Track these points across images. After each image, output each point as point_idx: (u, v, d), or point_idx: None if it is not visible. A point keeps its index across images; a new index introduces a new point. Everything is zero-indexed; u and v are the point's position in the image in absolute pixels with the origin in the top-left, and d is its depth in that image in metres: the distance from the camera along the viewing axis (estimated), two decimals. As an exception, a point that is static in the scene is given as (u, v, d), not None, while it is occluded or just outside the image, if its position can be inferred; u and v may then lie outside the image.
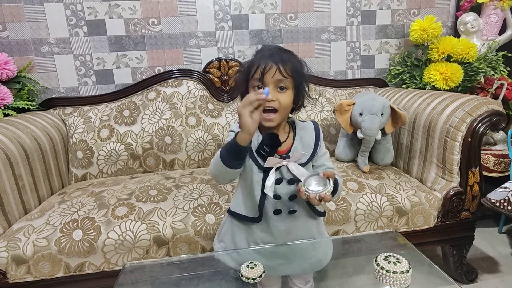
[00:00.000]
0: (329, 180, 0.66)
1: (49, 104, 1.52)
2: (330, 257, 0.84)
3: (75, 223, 1.00)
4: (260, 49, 0.76)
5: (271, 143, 0.71)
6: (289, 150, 0.75)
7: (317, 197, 0.65)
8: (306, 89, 0.77)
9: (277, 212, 0.76)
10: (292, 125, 0.80)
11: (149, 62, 1.61)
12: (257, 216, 0.76)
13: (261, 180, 0.74)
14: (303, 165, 0.75)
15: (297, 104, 0.77)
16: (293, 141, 0.77)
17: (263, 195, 0.74)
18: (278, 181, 0.74)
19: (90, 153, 1.42)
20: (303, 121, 0.82)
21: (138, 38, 1.58)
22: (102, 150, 1.42)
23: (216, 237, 0.89)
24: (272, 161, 0.72)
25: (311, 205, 0.78)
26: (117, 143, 1.43)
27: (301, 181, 0.70)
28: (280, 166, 0.73)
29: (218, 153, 0.70)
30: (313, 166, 0.79)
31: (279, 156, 0.74)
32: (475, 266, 1.27)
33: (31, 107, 1.42)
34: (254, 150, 0.74)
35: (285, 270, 0.81)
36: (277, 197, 0.75)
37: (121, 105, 1.51)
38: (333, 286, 0.91)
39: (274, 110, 0.71)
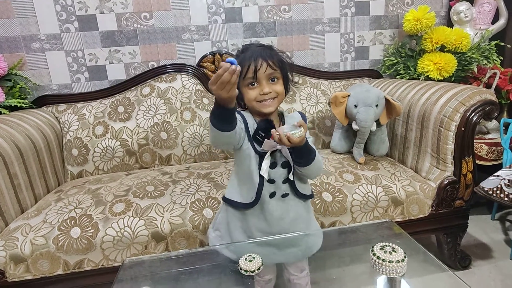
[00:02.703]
0: (301, 128, 0.70)
1: (41, 101, 1.50)
2: (321, 243, 0.87)
3: (73, 221, 1.00)
4: (244, 49, 0.81)
5: (266, 127, 0.76)
6: None
7: (289, 135, 0.69)
8: (290, 76, 0.83)
9: (272, 195, 0.79)
10: (281, 116, 0.86)
11: (142, 57, 1.59)
12: (252, 201, 0.79)
13: (256, 164, 0.78)
14: None
15: (287, 90, 0.84)
16: None
17: (261, 178, 0.78)
18: (272, 166, 0.78)
19: (85, 150, 1.41)
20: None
21: (131, 33, 1.56)
22: (97, 147, 1.41)
23: (211, 226, 0.91)
24: (268, 144, 0.76)
25: (297, 190, 0.82)
26: (112, 140, 1.42)
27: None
28: (275, 151, 0.78)
29: (209, 120, 0.70)
30: None
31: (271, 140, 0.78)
32: (469, 253, 1.30)
33: (24, 105, 1.40)
34: (251, 135, 0.78)
35: (278, 258, 0.84)
36: (271, 181, 0.79)
37: (115, 101, 1.50)
38: (331, 275, 0.93)
39: (272, 98, 0.78)
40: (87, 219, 1.01)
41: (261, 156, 0.77)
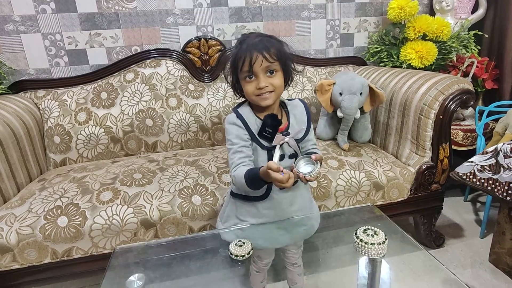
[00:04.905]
0: (317, 163, 0.72)
1: (19, 87, 1.44)
2: (319, 221, 0.91)
3: (59, 210, 1.00)
4: (241, 40, 0.78)
5: (272, 124, 0.77)
6: (287, 128, 0.81)
7: (306, 177, 0.71)
8: (292, 65, 0.82)
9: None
10: (283, 104, 0.85)
11: (125, 41, 1.54)
12: (263, 193, 0.81)
13: (266, 159, 0.79)
14: (300, 139, 0.82)
15: (287, 81, 0.82)
16: (288, 119, 0.83)
17: None
18: (280, 158, 0.80)
19: (68, 137, 1.38)
20: (290, 99, 0.88)
21: (112, 16, 1.50)
22: (80, 134, 1.38)
23: (219, 218, 0.93)
24: (278, 138, 0.77)
25: None
26: (96, 127, 1.39)
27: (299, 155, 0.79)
28: (283, 143, 0.79)
29: (242, 178, 0.73)
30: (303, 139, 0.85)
31: (280, 134, 0.79)
32: (443, 232, 1.39)
33: (0, 91, 1.34)
34: (256, 134, 0.78)
35: (286, 240, 0.89)
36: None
37: (97, 87, 1.46)
38: (316, 256, 0.98)
39: (270, 91, 0.77)
40: (74, 208, 1.00)
41: (269, 150, 0.79)
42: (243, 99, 0.85)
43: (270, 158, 0.79)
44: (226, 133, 0.81)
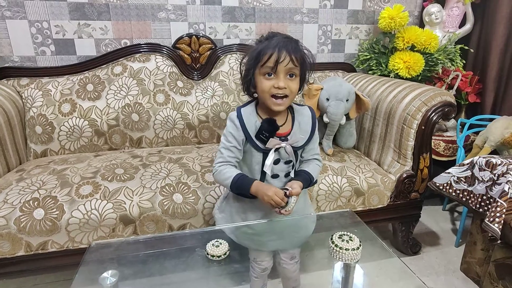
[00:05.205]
0: (292, 199, 0.76)
1: (1, 74, 1.40)
2: (312, 231, 0.91)
3: (36, 202, 0.98)
4: (270, 36, 0.78)
5: (269, 129, 0.77)
6: (289, 133, 0.82)
7: (281, 211, 0.77)
8: (307, 76, 0.82)
9: None
10: (289, 108, 0.85)
11: (114, 33, 1.52)
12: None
13: (260, 161, 0.80)
14: (299, 148, 0.83)
15: (300, 89, 0.82)
16: (292, 125, 0.83)
17: (263, 174, 0.80)
18: (276, 162, 0.80)
19: (50, 128, 1.35)
20: (299, 104, 0.88)
21: (102, 7, 1.47)
22: (63, 125, 1.35)
23: (217, 207, 0.94)
24: (273, 142, 0.78)
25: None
26: (80, 119, 1.37)
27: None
28: (279, 147, 0.79)
29: (229, 180, 0.77)
30: (304, 148, 0.86)
31: (278, 138, 0.79)
32: (420, 240, 1.42)
33: (-19, 77, 1.31)
34: (253, 136, 0.78)
35: (275, 245, 0.89)
36: (275, 176, 0.82)
37: (84, 79, 1.44)
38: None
39: (284, 96, 0.77)
40: (52, 201, 0.98)
41: (264, 152, 0.79)
42: (249, 99, 0.85)
43: (264, 160, 0.79)
44: (225, 127, 0.82)
